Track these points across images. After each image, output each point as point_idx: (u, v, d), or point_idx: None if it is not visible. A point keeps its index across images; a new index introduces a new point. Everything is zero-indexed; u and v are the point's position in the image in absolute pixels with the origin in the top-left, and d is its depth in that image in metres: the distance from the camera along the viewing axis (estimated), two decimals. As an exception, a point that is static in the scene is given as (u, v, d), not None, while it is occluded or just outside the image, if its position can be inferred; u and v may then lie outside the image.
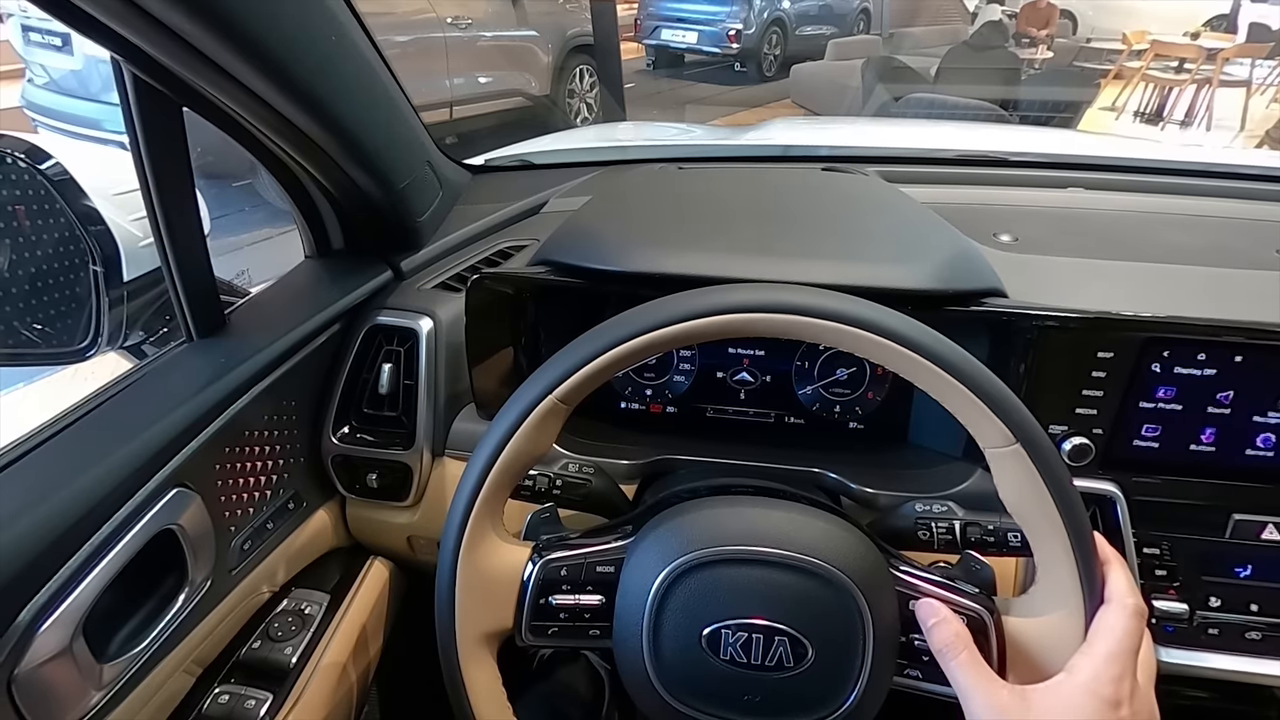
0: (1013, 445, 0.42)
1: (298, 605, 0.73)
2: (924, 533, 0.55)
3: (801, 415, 0.77)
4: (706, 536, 0.46)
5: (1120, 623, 0.43)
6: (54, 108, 3.36)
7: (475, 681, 0.48)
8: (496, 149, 1.15)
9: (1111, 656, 0.42)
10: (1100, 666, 0.41)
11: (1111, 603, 0.44)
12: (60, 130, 3.29)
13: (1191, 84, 5.35)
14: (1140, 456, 0.64)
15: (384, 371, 0.73)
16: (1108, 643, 0.42)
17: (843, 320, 0.44)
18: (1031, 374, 0.63)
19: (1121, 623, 0.43)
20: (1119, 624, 0.43)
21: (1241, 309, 0.61)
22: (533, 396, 0.46)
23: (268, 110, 0.57)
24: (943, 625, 0.44)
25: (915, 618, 0.46)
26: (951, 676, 0.43)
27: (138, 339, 0.72)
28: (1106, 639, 0.42)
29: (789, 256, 0.64)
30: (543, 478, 0.59)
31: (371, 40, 0.66)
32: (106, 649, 0.53)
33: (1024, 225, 0.77)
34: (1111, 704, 0.40)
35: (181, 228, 0.60)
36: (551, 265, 0.67)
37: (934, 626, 0.45)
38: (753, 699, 0.45)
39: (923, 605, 0.46)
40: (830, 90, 4.78)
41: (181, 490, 0.57)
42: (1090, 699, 0.40)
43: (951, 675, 0.43)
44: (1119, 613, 0.43)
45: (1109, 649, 0.42)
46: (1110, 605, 0.44)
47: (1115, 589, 0.44)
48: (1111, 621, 0.43)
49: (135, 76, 0.53)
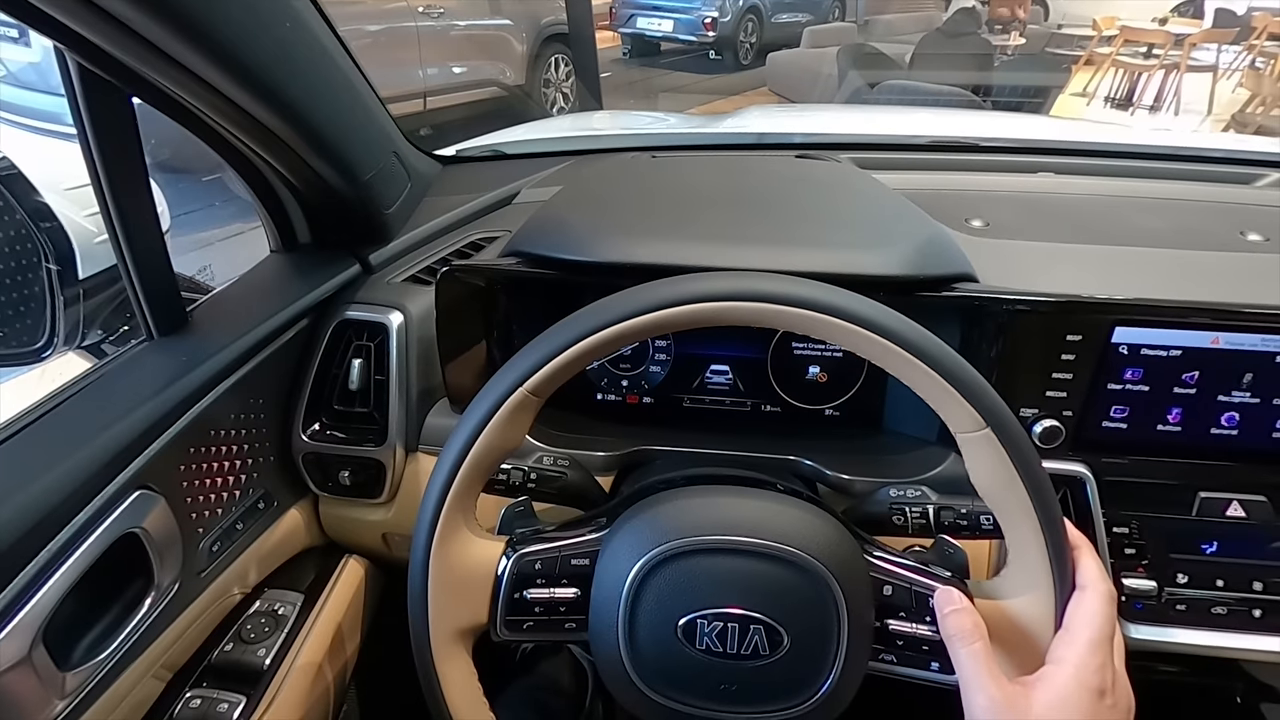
0: (983, 430, 0.43)
1: (271, 606, 0.72)
2: (898, 518, 0.56)
3: (777, 404, 0.77)
4: (681, 527, 0.46)
5: (1099, 609, 0.43)
6: (12, 102, 3.24)
7: (450, 678, 0.48)
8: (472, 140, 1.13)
9: (1093, 644, 0.42)
10: (1085, 655, 0.42)
11: (1087, 589, 0.44)
12: (19, 125, 3.19)
13: (1160, 69, 5.43)
14: (1109, 438, 0.65)
15: (354, 367, 0.72)
16: (1089, 630, 0.42)
17: (815, 308, 0.43)
18: (1002, 358, 0.63)
19: (1100, 609, 0.43)
20: (1097, 611, 0.43)
21: (1207, 290, 0.62)
22: (503, 389, 0.46)
23: (221, 99, 0.55)
24: (961, 614, 0.44)
25: (893, 603, 0.46)
26: (959, 663, 0.43)
27: (96, 338, 0.70)
28: (1087, 627, 0.43)
29: (762, 244, 0.64)
30: (517, 471, 0.59)
31: (331, 26, 0.64)
32: (69, 656, 0.52)
33: (995, 210, 0.77)
34: (1098, 692, 0.41)
35: (137, 223, 0.58)
36: (523, 256, 0.66)
37: (950, 614, 0.44)
38: (729, 688, 0.45)
39: (941, 593, 0.45)
40: (806, 78, 4.79)
41: (144, 492, 0.55)
42: (1081, 690, 0.41)
43: (959, 662, 0.43)
44: (1095, 599, 0.43)
45: (1090, 637, 0.42)
46: (1086, 591, 0.44)
47: (1088, 575, 0.45)
48: (1090, 609, 0.43)
49: (80, 66, 0.51)
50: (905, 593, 0.47)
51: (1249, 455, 0.65)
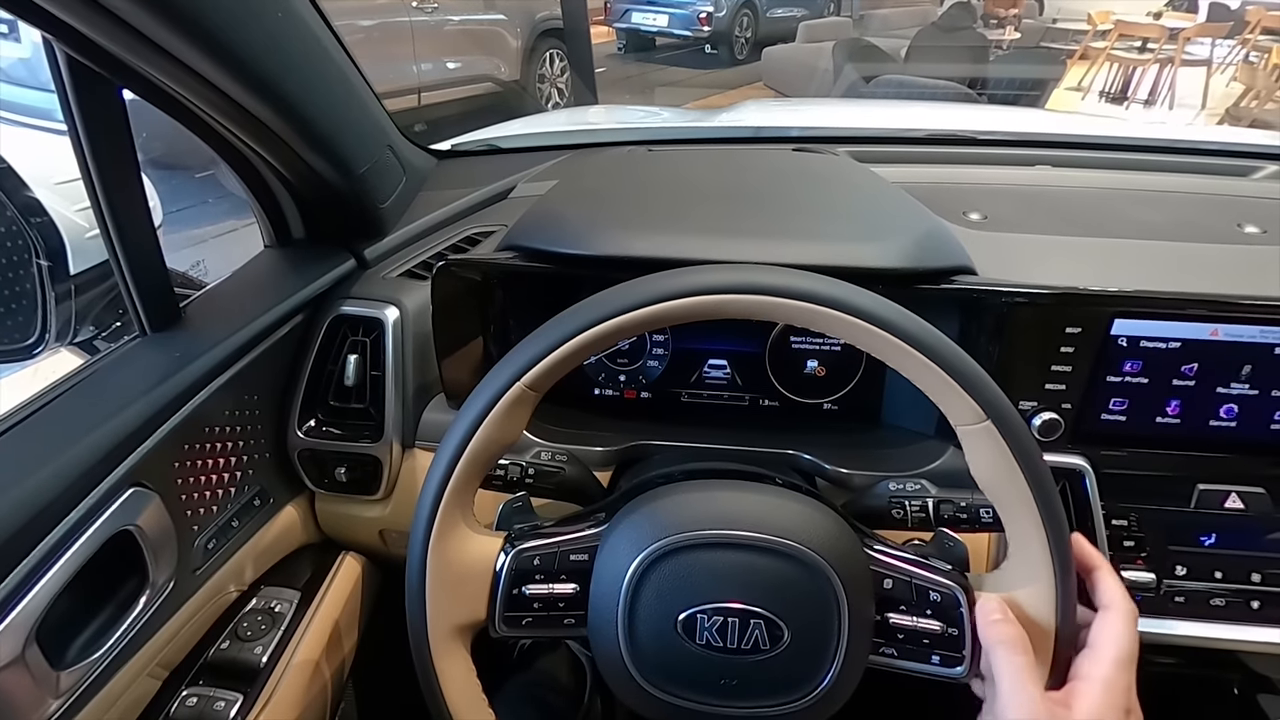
0: (983, 422, 0.42)
1: (267, 603, 0.71)
2: (898, 511, 0.55)
3: (776, 398, 0.76)
4: (680, 521, 0.46)
5: (1126, 630, 0.43)
6: (3, 98, 3.22)
7: (448, 675, 0.48)
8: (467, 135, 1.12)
9: (1119, 664, 0.42)
10: (1113, 674, 0.42)
11: (1111, 609, 0.44)
12: (10, 121, 3.16)
13: (1155, 63, 5.44)
14: (1108, 430, 0.65)
15: (350, 363, 0.71)
16: (1116, 649, 0.43)
17: (813, 300, 0.43)
18: (1001, 350, 0.63)
19: (1127, 630, 0.43)
20: (1125, 631, 0.43)
21: (1205, 282, 0.62)
22: (500, 384, 0.45)
23: (212, 91, 0.54)
24: (1007, 624, 0.44)
25: (893, 597, 0.46)
26: (999, 670, 0.42)
27: (89, 334, 0.69)
28: (1115, 646, 0.43)
29: (759, 237, 0.63)
30: (515, 466, 0.59)
31: (324, 18, 0.64)
32: (64, 655, 0.51)
33: (993, 203, 0.77)
34: (1124, 711, 0.41)
35: (128, 217, 0.57)
36: (519, 251, 0.66)
37: (995, 623, 0.44)
38: (729, 682, 0.45)
39: (984, 601, 0.45)
40: (801, 73, 4.78)
41: (138, 490, 0.55)
42: (1112, 710, 0.41)
43: (1000, 668, 0.42)
44: (1119, 619, 0.44)
45: (1116, 655, 0.42)
46: (1110, 611, 0.44)
47: (1112, 595, 0.45)
48: (1119, 628, 0.43)
49: (69, 57, 0.50)
50: (905, 586, 0.46)
51: (1247, 447, 0.65)
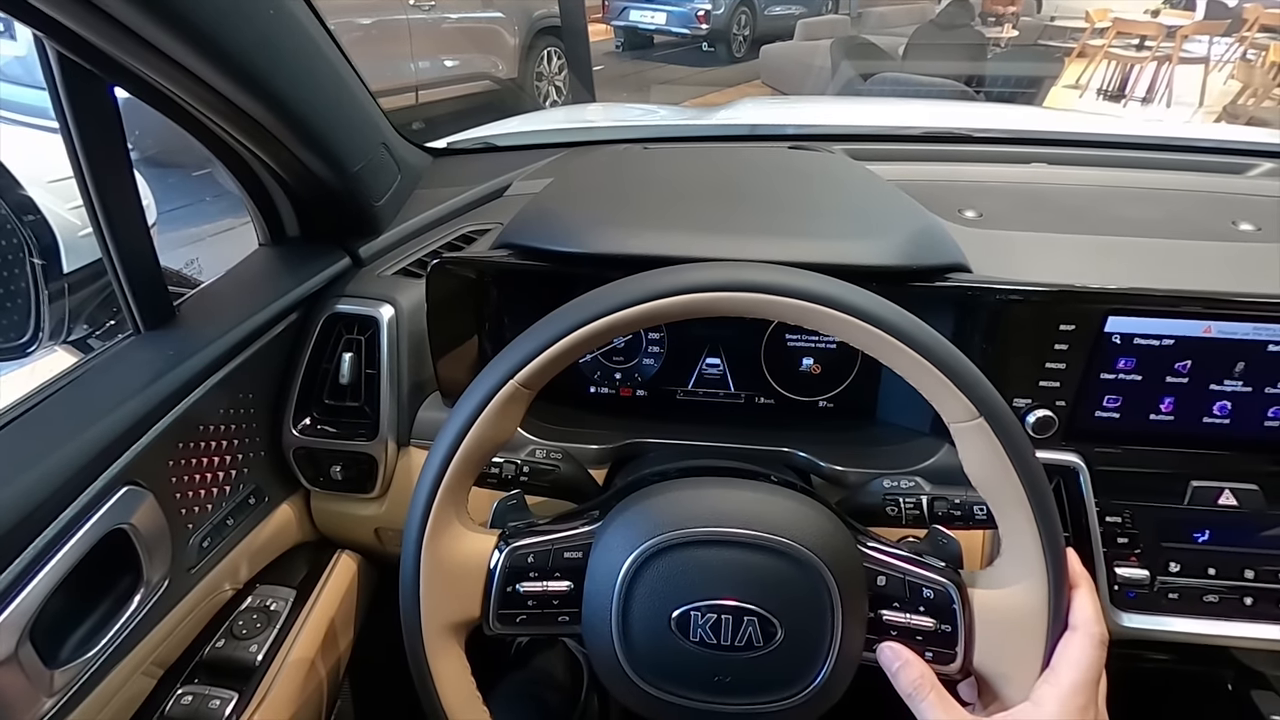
0: (976, 419, 0.42)
1: (262, 602, 0.71)
2: (892, 508, 0.55)
3: (771, 395, 0.76)
4: (674, 519, 0.46)
5: (1087, 653, 0.43)
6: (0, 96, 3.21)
7: (442, 673, 0.48)
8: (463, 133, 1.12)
9: (1076, 688, 0.42)
10: (1067, 697, 0.41)
11: (1078, 630, 0.44)
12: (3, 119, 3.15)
13: (1152, 61, 5.44)
14: (1102, 427, 0.65)
15: (345, 361, 0.71)
16: (1073, 674, 0.42)
17: (807, 298, 0.43)
18: (996, 348, 0.63)
19: (1088, 653, 0.43)
20: (1085, 654, 0.43)
21: (1200, 279, 0.62)
22: (494, 382, 0.45)
23: (204, 89, 0.54)
24: (908, 668, 0.44)
25: (886, 594, 0.46)
26: (922, 717, 0.43)
27: (82, 333, 0.69)
28: (1072, 670, 0.42)
29: (754, 234, 0.63)
30: (509, 464, 0.58)
31: (318, 16, 0.63)
32: (58, 654, 0.51)
33: (988, 201, 0.77)
34: None
35: (121, 215, 0.57)
36: (514, 248, 0.66)
37: (899, 670, 0.44)
38: (723, 679, 0.45)
39: (884, 650, 0.46)
40: (799, 70, 4.78)
41: (132, 488, 0.55)
42: None
43: (922, 716, 0.43)
44: (1085, 642, 0.43)
45: (1074, 680, 0.42)
46: (1077, 633, 0.44)
47: (1082, 615, 0.44)
48: (1078, 652, 0.43)
49: (60, 54, 0.50)
50: (899, 583, 0.46)
51: (1241, 444, 0.65)
